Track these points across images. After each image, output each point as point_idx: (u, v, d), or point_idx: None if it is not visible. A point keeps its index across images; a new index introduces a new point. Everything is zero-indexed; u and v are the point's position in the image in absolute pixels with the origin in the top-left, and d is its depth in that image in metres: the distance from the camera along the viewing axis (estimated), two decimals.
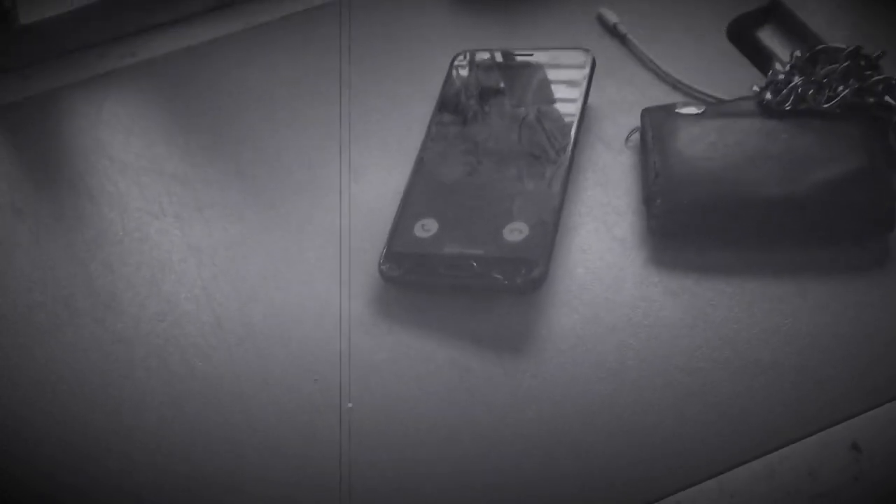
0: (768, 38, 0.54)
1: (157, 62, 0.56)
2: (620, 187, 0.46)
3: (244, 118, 0.53)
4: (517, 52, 0.51)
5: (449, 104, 0.49)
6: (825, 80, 0.45)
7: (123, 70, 0.56)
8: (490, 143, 0.47)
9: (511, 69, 0.50)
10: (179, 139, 0.52)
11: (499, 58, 0.51)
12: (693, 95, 0.50)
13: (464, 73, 0.51)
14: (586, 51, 0.50)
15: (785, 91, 0.45)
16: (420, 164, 0.47)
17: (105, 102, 0.54)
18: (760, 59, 0.53)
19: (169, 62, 0.56)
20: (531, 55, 0.50)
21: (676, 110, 0.46)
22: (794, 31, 0.54)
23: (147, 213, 0.48)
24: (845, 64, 0.45)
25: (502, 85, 0.50)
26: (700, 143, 0.44)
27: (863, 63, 0.46)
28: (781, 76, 0.46)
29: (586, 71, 0.49)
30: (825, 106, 0.44)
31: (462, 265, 0.42)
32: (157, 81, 0.56)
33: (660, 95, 0.50)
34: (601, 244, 0.44)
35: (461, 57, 0.51)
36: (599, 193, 0.46)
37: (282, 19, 0.58)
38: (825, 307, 0.41)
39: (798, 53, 0.47)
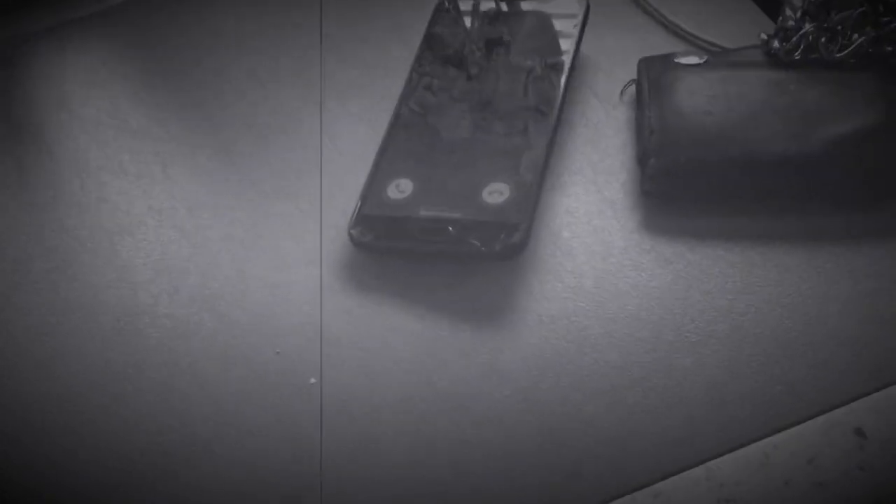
0: None
1: (128, 8, 0.53)
2: (613, 145, 0.43)
3: (215, 69, 0.49)
4: None
5: (429, 54, 0.46)
6: (839, 28, 0.41)
7: (89, 17, 0.53)
8: (473, 98, 0.43)
9: (499, 17, 0.46)
10: (145, 92, 0.49)
11: (485, 4, 0.47)
12: (696, 44, 0.46)
13: (447, 20, 0.47)
14: None
15: (795, 39, 0.41)
16: (396, 119, 0.43)
17: (68, 52, 0.51)
18: (772, 4, 0.49)
19: (139, 8, 0.53)
20: (520, 0, 0.47)
21: (676, 60, 0.42)
22: None
23: (107, 171, 0.45)
24: (861, 9, 0.41)
25: (489, 32, 0.46)
26: (700, 96, 0.40)
27: (881, 8, 0.42)
28: (791, 23, 0.42)
29: (579, 19, 0.45)
30: (838, 55, 0.40)
31: (437, 229, 0.39)
32: (125, 30, 0.52)
33: (661, 44, 0.46)
34: (590, 206, 0.41)
35: (444, 2, 0.48)
36: (590, 151, 0.43)
37: None
38: (832, 279, 0.37)
39: None
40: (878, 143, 0.38)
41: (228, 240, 0.42)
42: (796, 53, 0.41)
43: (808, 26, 0.41)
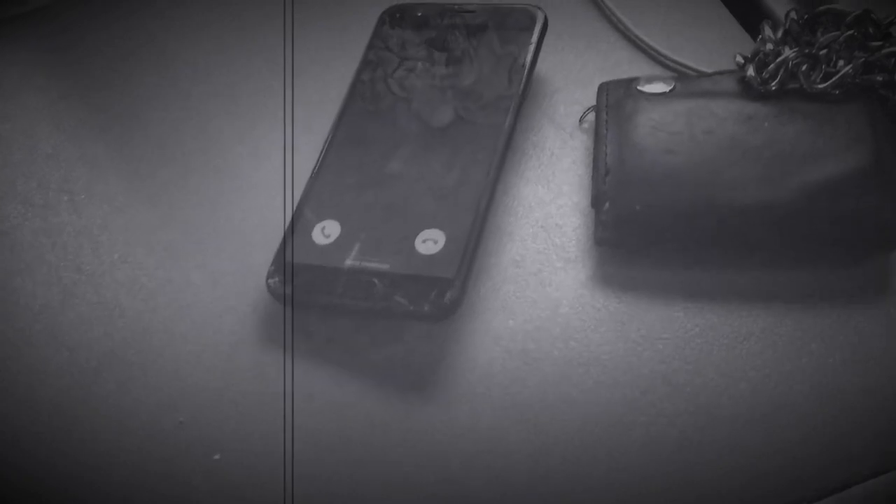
0: None
1: (51, 12, 0.48)
2: (568, 181, 0.38)
3: (143, 83, 0.44)
4: (454, 8, 0.42)
5: (370, 72, 0.41)
6: (823, 52, 0.37)
7: (9, 21, 0.48)
8: (413, 124, 0.39)
9: (446, 30, 0.42)
10: (63, 107, 0.44)
11: (432, 15, 0.42)
12: (665, 64, 0.41)
13: (391, 32, 0.42)
14: (536, 9, 0.41)
15: (772, 67, 0.36)
16: (329, 147, 0.39)
17: None
18: (753, 16, 0.44)
19: (64, 13, 0.48)
20: (471, 12, 0.42)
21: (639, 87, 0.37)
22: None
23: (9, 199, 0.41)
24: (849, 32, 0.36)
25: (434, 50, 0.41)
26: (663, 132, 0.36)
27: (871, 30, 0.37)
28: (770, 46, 0.37)
29: (534, 35, 0.40)
30: (821, 86, 0.36)
31: (363, 283, 0.35)
32: (47, 37, 0.47)
33: (627, 63, 0.42)
34: (537, 255, 0.36)
35: (391, 12, 0.43)
36: (542, 189, 0.38)
37: None
38: (808, 349, 0.33)
39: (794, 15, 0.38)
40: (861, 190, 0.33)
41: (134, 285, 0.37)
42: (773, 83, 0.36)
43: (787, 51, 0.36)
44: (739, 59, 0.38)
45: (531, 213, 0.37)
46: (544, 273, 0.36)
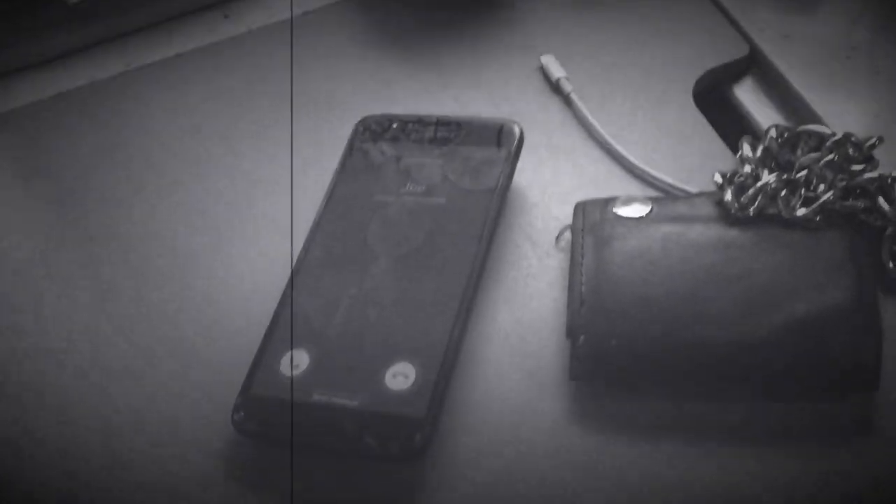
0: (745, 94, 0.44)
1: (19, 113, 0.48)
2: (545, 305, 0.37)
3: (111, 193, 0.43)
4: (429, 122, 0.41)
5: (344, 187, 0.40)
6: (803, 174, 0.36)
7: (43, 103, 0.47)
8: (385, 244, 0.38)
9: (421, 143, 0.41)
10: (31, 217, 0.43)
11: (408, 127, 0.42)
12: (644, 179, 0.40)
13: (366, 145, 0.42)
14: (513, 123, 0.40)
15: (752, 191, 0.36)
16: (299, 267, 0.38)
17: None
18: (732, 127, 0.43)
19: (32, 114, 0.48)
20: (446, 125, 0.41)
21: (615, 210, 0.37)
22: (776, 89, 0.44)
23: None
24: (829, 157, 0.36)
25: (408, 163, 0.40)
26: (639, 261, 0.35)
27: (851, 151, 0.36)
28: (748, 167, 0.37)
29: (511, 150, 0.39)
30: (800, 213, 0.35)
31: (331, 421, 0.33)
32: (14, 139, 0.47)
33: (605, 177, 0.41)
34: (511, 389, 0.35)
35: (365, 124, 0.42)
36: (517, 312, 0.37)
37: (172, 58, 0.49)
38: (787, 488, 0.32)
39: (774, 133, 0.38)
40: (840, 329, 0.32)
41: (95, 415, 0.36)
42: (752, 208, 0.35)
43: (767, 177, 0.36)
44: (718, 179, 0.37)
45: (507, 341, 0.36)
46: (517, 408, 0.34)
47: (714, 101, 0.44)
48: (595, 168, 0.41)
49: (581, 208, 0.38)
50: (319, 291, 0.37)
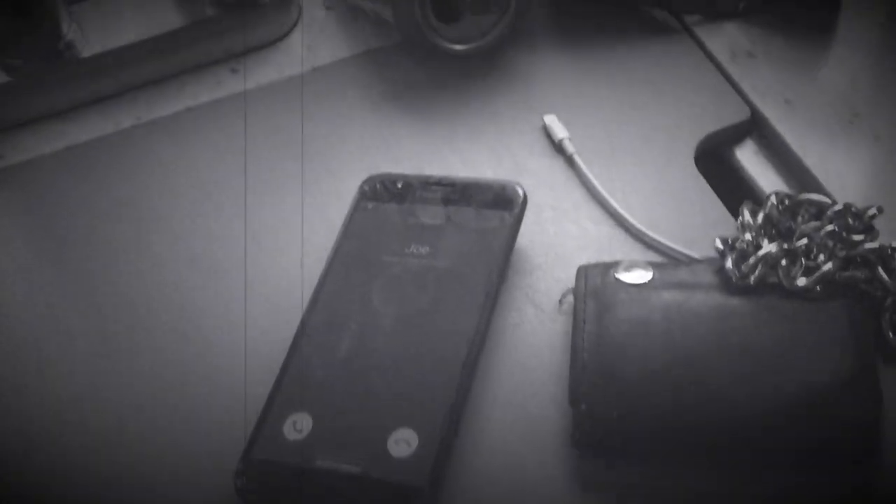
0: (746, 157, 0.45)
1: (28, 165, 0.48)
2: (547, 368, 0.37)
3: (117, 246, 0.44)
4: (434, 181, 0.42)
5: (349, 246, 0.41)
6: (803, 243, 0.36)
7: (51, 156, 0.48)
8: (391, 305, 0.38)
9: (426, 204, 0.41)
10: (35, 269, 0.44)
11: (413, 187, 0.42)
12: (645, 242, 0.41)
13: (371, 204, 0.42)
14: (516, 185, 0.41)
15: (752, 260, 0.36)
16: (303, 329, 0.38)
17: None
18: (733, 189, 0.44)
19: (40, 167, 0.48)
20: (451, 186, 0.42)
21: (617, 276, 0.37)
22: (777, 153, 0.44)
23: None
24: (830, 227, 0.36)
25: (413, 224, 0.41)
26: (641, 328, 0.35)
27: (851, 221, 0.37)
28: (749, 234, 0.37)
29: (515, 212, 0.40)
30: (801, 284, 0.35)
31: (334, 488, 0.34)
32: (22, 191, 0.47)
33: (607, 239, 0.41)
34: (513, 453, 0.35)
35: (370, 183, 0.43)
36: (519, 376, 0.37)
37: (181, 113, 0.49)
38: None
39: (775, 200, 0.38)
40: (841, 401, 0.33)
41: (91, 473, 0.36)
42: (752, 277, 0.36)
43: (767, 246, 0.36)
44: (719, 245, 0.38)
45: (509, 406, 0.36)
46: (520, 475, 0.34)
47: (715, 162, 0.45)
48: (597, 230, 0.42)
49: (583, 272, 0.38)
50: (323, 353, 0.37)
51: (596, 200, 0.43)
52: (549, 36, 0.50)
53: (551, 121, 0.45)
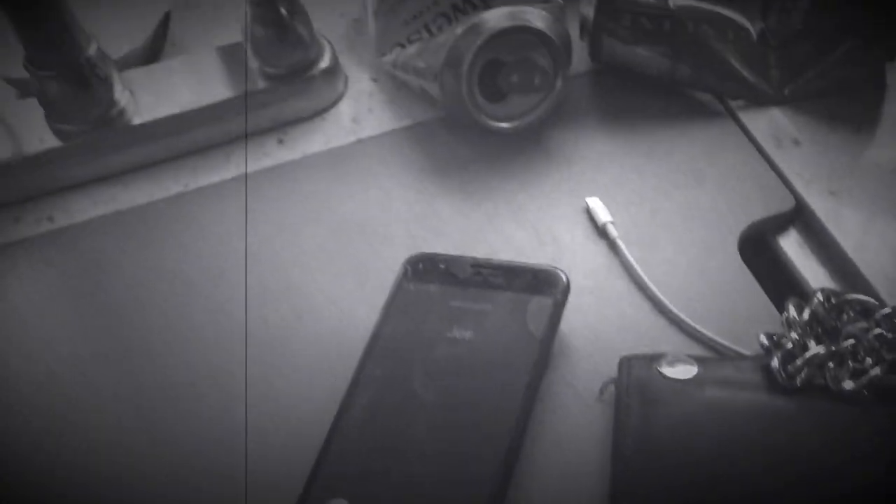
0: (789, 246, 0.45)
1: (76, 230, 0.49)
2: (587, 461, 0.37)
3: (160, 314, 0.44)
4: (477, 264, 0.42)
5: (390, 327, 0.41)
6: (850, 343, 0.36)
7: (36, 238, 0.49)
8: (431, 391, 0.38)
9: (469, 287, 0.41)
10: (76, 331, 0.44)
11: (456, 269, 0.42)
12: (688, 332, 0.40)
13: (413, 285, 0.42)
14: (559, 271, 0.41)
15: (800, 362, 0.36)
16: (342, 412, 0.38)
17: (8, 278, 0.47)
18: (776, 278, 0.44)
19: (89, 230, 0.49)
20: (493, 269, 0.42)
21: (661, 370, 0.37)
22: (821, 245, 0.44)
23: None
24: (877, 331, 0.36)
25: (455, 307, 0.41)
26: (685, 427, 0.35)
27: None
28: (795, 333, 0.37)
29: (557, 298, 0.40)
30: (848, 388, 0.35)
31: None
32: (70, 253, 0.48)
33: (650, 327, 0.41)
34: None
35: (413, 263, 0.43)
36: (559, 468, 0.37)
37: (227, 181, 0.50)
38: None
39: (821, 297, 0.38)
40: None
41: None
42: (799, 379, 0.36)
43: (814, 348, 0.36)
44: (763, 341, 0.38)
45: (548, 500, 0.36)
46: None
47: (758, 250, 0.45)
48: (639, 317, 0.42)
49: (626, 364, 0.38)
50: (363, 438, 0.37)
51: (638, 287, 0.43)
52: (592, 115, 0.51)
53: (594, 203, 0.46)
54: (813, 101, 0.49)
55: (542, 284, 0.41)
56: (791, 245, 0.45)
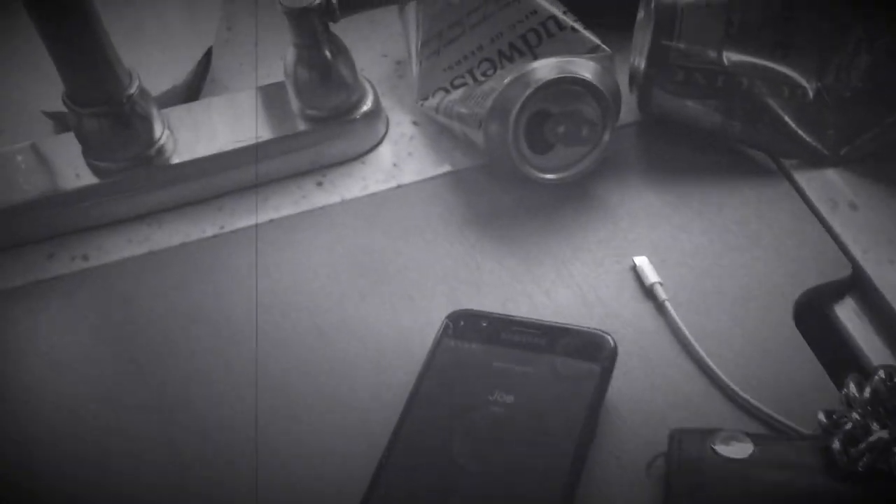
0: (846, 315, 0.43)
1: (109, 269, 0.48)
2: None
3: (190, 350, 0.44)
4: (521, 325, 0.41)
5: (429, 387, 0.39)
6: None
7: (69, 276, 0.48)
8: (472, 459, 0.37)
9: (512, 348, 0.40)
10: (109, 369, 0.43)
11: (499, 329, 0.41)
12: (740, 404, 0.39)
13: (454, 343, 0.41)
14: (605, 335, 0.39)
15: (863, 446, 0.34)
16: (379, 476, 0.37)
17: (40, 316, 0.46)
18: (832, 351, 0.42)
19: (122, 270, 0.48)
20: (540, 331, 0.40)
21: (715, 447, 0.35)
22: (878, 315, 0.42)
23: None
24: None
25: (497, 368, 0.40)
26: None
27: None
28: (856, 416, 0.35)
29: (604, 364, 0.38)
30: None
31: None
32: (104, 293, 0.47)
33: (701, 397, 0.40)
34: None
35: (454, 320, 0.41)
36: None
37: (264, 224, 0.49)
38: None
39: (882, 374, 0.36)
40: None
41: None
42: (861, 463, 0.34)
43: (878, 432, 0.34)
44: (822, 419, 0.36)
45: None
46: None
47: (813, 318, 0.43)
48: (689, 386, 0.40)
49: (677, 438, 0.36)
50: (401, 495, 0.36)
51: (688, 354, 0.41)
52: (639, 168, 0.49)
53: (642, 263, 0.44)
54: (870, 163, 0.47)
55: (589, 348, 0.39)
56: (848, 314, 0.43)
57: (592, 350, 0.39)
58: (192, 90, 0.55)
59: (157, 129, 0.49)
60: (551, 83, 0.45)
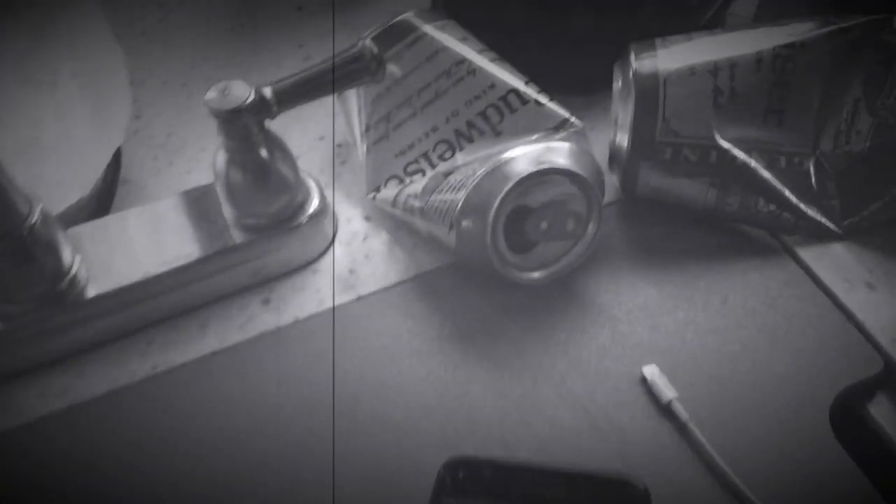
0: (880, 413, 0.39)
1: (21, 433, 0.40)
2: None
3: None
4: (530, 472, 0.34)
5: None
6: None
7: (52, 417, 0.40)
8: None
9: (520, 500, 0.34)
10: None
11: (503, 477, 0.34)
12: None
13: (451, 501, 0.35)
14: (634, 482, 0.33)
15: None
16: None
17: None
18: (869, 451, 0.38)
19: (35, 432, 0.40)
20: (550, 477, 0.34)
21: None
22: None
23: None
24: None
25: None
26: None
27: None
28: None
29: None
30: None
31: None
32: (14, 466, 0.39)
33: None
34: None
35: (451, 471, 0.35)
36: None
37: (209, 356, 0.42)
38: None
39: None
40: None
41: None
42: None
43: None
44: None
45: None
46: None
47: (848, 422, 0.38)
48: None
49: None
50: None
51: (722, 484, 0.35)
52: (627, 254, 0.44)
53: (653, 374, 0.39)
54: (879, 233, 0.43)
55: (615, 497, 0.34)
56: (883, 413, 0.38)
57: (620, 498, 0.34)
58: (102, 199, 0.47)
59: (66, 258, 0.41)
60: (532, 176, 0.40)
